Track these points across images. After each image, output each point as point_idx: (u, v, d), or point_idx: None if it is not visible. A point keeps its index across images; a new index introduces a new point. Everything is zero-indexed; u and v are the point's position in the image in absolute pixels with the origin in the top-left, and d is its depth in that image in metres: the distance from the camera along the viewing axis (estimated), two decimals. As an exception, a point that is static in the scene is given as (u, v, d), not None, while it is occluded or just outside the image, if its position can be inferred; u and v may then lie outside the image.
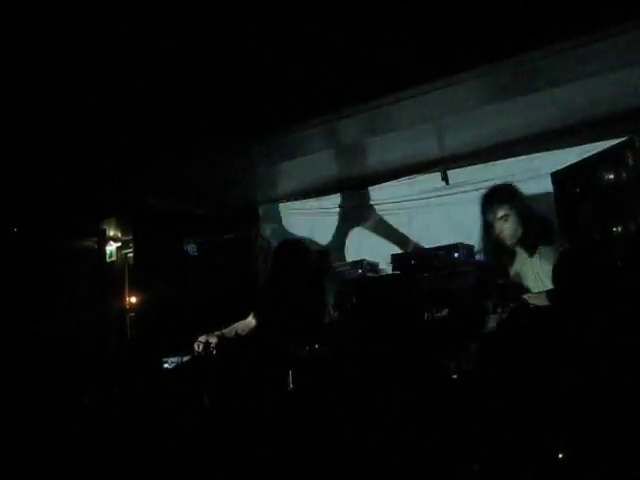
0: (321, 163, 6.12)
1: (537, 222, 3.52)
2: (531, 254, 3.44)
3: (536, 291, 3.30)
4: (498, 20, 4.14)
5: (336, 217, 6.81)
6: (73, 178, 5.61)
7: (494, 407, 2.62)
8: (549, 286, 3.19)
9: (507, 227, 3.52)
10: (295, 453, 2.73)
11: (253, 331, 3.99)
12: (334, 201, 6.83)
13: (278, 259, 3.93)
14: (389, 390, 2.73)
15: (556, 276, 2.90)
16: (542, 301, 3.17)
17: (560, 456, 2.36)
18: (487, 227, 3.61)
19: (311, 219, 6.82)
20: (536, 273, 3.39)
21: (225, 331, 3.91)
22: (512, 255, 3.58)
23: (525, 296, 3.35)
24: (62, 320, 5.05)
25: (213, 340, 3.71)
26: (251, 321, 4.04)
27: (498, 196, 3.57)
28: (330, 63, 4.61)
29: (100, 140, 5.41)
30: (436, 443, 2.57)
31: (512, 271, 3.60)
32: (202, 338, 3.76)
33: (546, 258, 3.32)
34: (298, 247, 3.93)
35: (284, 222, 6.83)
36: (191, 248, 6.03)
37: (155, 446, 3.12)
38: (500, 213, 3.52)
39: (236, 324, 4.03)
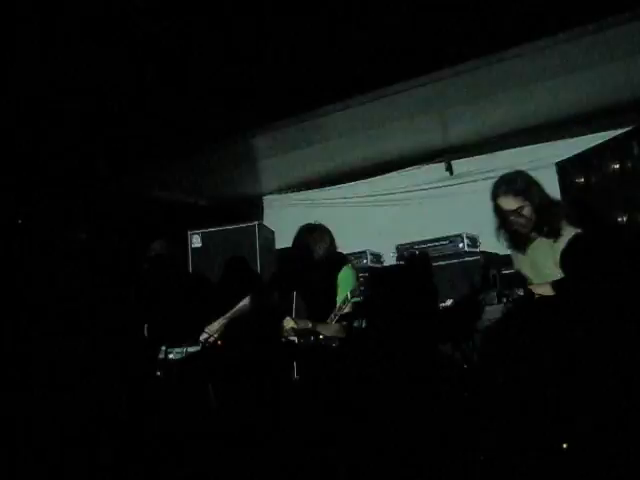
0: (325, 154, 6.11)
1: (553, 210, 3.43)
2: (555, 240, 3.38)
3: (555, 278, 3.26)
4: (501, 11, 4.12)
5: (338, 207, 6.81)
6: (76, 171, 5.62)
7: (498, 396, 2.62)
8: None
9: (521, 219, 3.44)
10: (300, 442, 2.74)
11: (254, 312, 3.96)
12: (337, 192, 6.83)
13: (303, 243, 3.87)
14: (394, 379, 2.73)
15: (563, 265, 2.89)
16: (547, 291, 3.15)
17: (564, 446, 2.36)
18: (501, 219, 3.52)
19: (313, 210, 6.84)
20: (550, 264, 3.35)
21: (228, 315, 3.91)
22: (527, 242, 3.52)
23: (530, 286, 3.33)
24: (64, 314, 5.06)
25: (216, 326, 3.73)
26: (250, 302, 4.01)
27: (512, 187, 3.47)
28: (334, 54, 4.59)
29: (104, 133, 5.41)
30: (441, 431, 2.58)
31: (527, 259, 3.55)
32: (207, 328, 3.77)
33: (559, 247, 3.26)
34: (323, 233, 3.89)
35: (285, 213, 6.84)
36: (195, 239, 6.02)
37: (161, 438, 3.14)
38: (514, 205, 3.44)
39: (238, 306, 4.01)
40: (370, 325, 2.94)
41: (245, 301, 4.02)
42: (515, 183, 3.44)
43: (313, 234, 3.87)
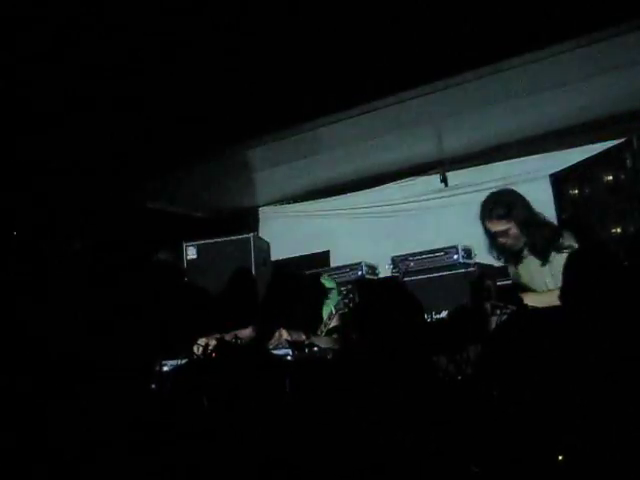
0: (320, 166, 6.12)
1: (541, 230, 3.47)
2: (543, 262, 3.42)
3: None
4: (497, 22, 4.15)
5: (333, 219, 6.83)
6: (71, 181, 5.62)
7: (493, 409, 2.61)
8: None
9: (509, 239, 3.49)
10: (293, 457, 2.73)
11: (253, 340, 3.99)
12: (332, 204, 6.84)
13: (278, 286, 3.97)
14: (388, 393, 2.72)
15: (564, 279, 2.89)
16: (537, 300, 3.17)
17: (560, 458, 2.35)
18: (491, 238, 3.59)
19: (308, 222, 6.86)
20: (546, 281, 3.38)
21: (225, 335, 3.90)
22: (520, 260, 3.56)
23: (522, 295, 3.36)
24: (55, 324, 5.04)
25: (212, 343, 3.70)
26: (251, 332, 4.03)
27: (495, 210, 3.53)
28: (329, 65, 4.61)
29: (100, 144, 5.41)
30: (435, 446, 2.57)
31: (521, 275, 3.58)
32: (201, 341, 3.75)
33: (557, 265, 3.27)
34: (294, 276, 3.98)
35: (280, 225, 6.85)
36: (190, 251, 6.01)
37: (154, 448, 3.12)
38: (500, 227, 3.49)
39: (237, 332, 4.02)
40: (361, 337, 2.95)
41: (242, 332, 4.04)
42: (498, 206, 3.49)
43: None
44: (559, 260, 3.28)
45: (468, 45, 4.28)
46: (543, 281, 3.43)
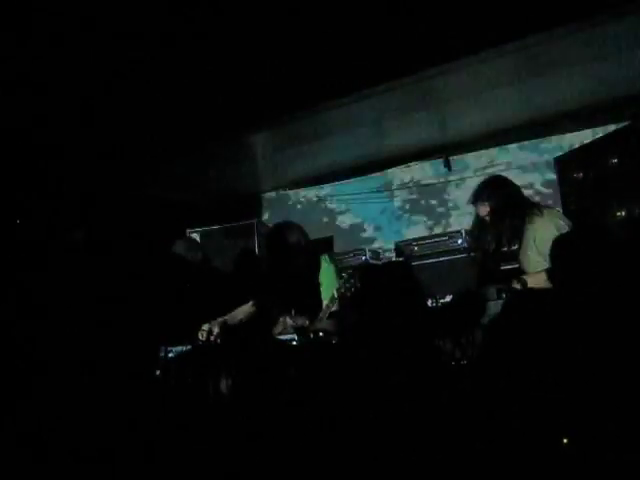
0: (322, 151, 6.10)
1: (510, 216, 3.57)
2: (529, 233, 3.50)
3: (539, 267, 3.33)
4: (499, 5, 4.12)
5: (336, 204, 6.83)
6: (73, 170, 5.62)
7: (498, 393, 2.62)
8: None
9: (493, 222, 3.61)
10: (297, 441, 2.74)
11: (253, 317, 3.97)
12: (335, 189, 6.84)
13: (274, 242, 3.93)
14: (392, 377, 2.73)
15: (555, 259, 2.90)
16: (540, 281, 3.19)
17: (565, 441, 2.36)
18: (480, 223, 3.73)
19: (311, 207, 6.88)
20: (536, 260, 3.42)
21: (227, 317, 3.89)
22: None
23: (524, 277, 3.38)
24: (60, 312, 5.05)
25: (216, 328, 3.70)
26: (251, 307, 4.02)
27: (479, 196, 3.70)
28: (333, 50, 4.58)
29: (103, 132, 5.40)
30: (440, 429, 2.58)
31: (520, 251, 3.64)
32: (205, 327, 3.75)
33: (540, 242, 3.36)
34: (293, 229, 3.93)
35: (283, 211, 6.85)
36: (194, 237, 6.02)
37: (160, 435, 3.14)
38: (483, 212, 3.66)
39: (237, 310, 4.01)
40: (365, 321, 2.94)
41: (246, 306, 4.03)
42: (482, 192, 3.70)
43: (283, 232, 3.92)
44: (540, 235, 3.34)
45: (471, 28, 4.25)
46: (532, 254, 3.49)
